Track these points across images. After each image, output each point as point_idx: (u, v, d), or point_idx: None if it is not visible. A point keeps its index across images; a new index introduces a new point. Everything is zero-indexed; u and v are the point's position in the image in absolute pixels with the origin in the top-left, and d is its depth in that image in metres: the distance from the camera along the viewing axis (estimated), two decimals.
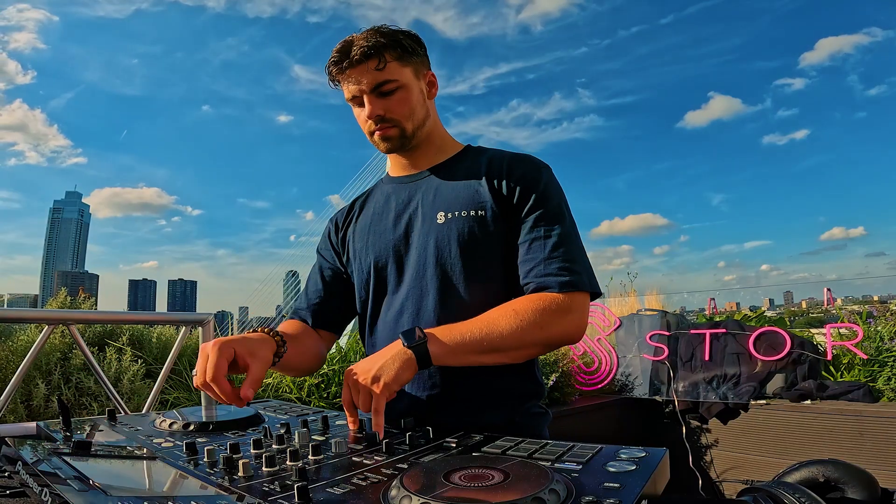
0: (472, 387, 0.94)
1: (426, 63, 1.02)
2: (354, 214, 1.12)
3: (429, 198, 1.00)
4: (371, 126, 0.98)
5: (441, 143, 1.06)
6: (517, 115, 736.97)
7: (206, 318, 1.74)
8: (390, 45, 0.94)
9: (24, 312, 1.64)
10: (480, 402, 0.95)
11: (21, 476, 0.64)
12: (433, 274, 0.95)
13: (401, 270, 1.00)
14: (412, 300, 0.96)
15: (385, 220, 1.04)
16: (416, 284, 0.97)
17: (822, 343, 2.69)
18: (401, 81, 0.95)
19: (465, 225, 0.94)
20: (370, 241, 1.04)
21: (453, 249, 0.94)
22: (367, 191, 1.16)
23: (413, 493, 0.48)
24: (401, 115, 0.97)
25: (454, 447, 0.70)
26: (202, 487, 0.58)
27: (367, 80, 0.94)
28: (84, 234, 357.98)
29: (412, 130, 0.99)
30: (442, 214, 0.96)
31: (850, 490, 0.70)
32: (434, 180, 1.03)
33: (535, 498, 0.47)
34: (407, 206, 1.02)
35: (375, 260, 1.02)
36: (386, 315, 1.01)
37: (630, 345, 3.10)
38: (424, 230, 0.97)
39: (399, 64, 0.95)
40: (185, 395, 2.39)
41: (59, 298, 2.74)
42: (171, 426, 0.87)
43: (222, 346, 0.76)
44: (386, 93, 0.95)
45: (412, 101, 0.97)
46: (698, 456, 2.69)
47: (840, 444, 2.30)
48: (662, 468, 0.59)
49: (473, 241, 0.94)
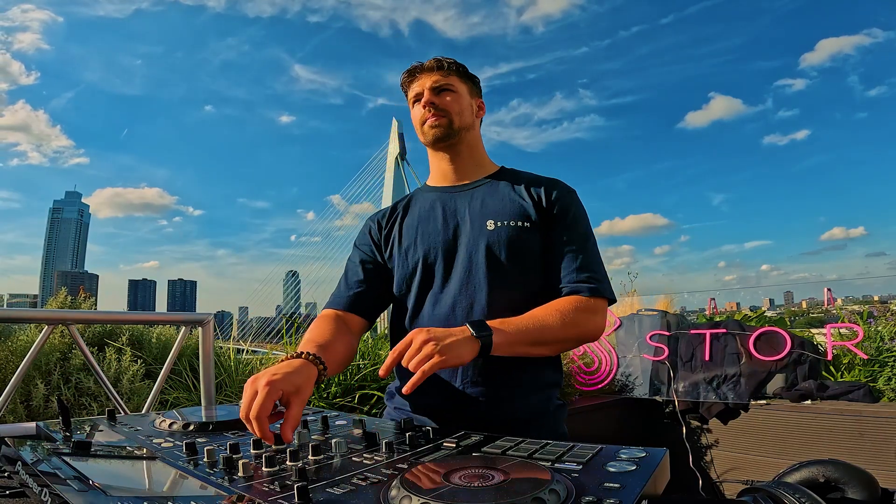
0: (504, 378, 1.04)
1: (479, 93, 1.23)
2: (398, 214, 1.21)
3: (476, 207, 1.13)
4: (424, 115, 1.14)
5: (481, 160, 1.21)
6: (517, 115, 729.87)
7: (206, 318, 1.74)
8: (455, 66, 1.16)
9: (24, 312, 1.63)
10: (510, 392, 1.04)
11: (21, 476, 0.64)
12: (485, 273, 1.06)
13: (450, 268, 1.10)
14: (465, 296, 1.06)
15: (433, 222, 1.14)
16: (468, 282, 1.07)
17: (823, 343, 2.68)
18: (457, 89, 1.15)
19: (513, 233, 1.08)
20: (418, 239, 1.13)
21: (503, 252, 1.07)
22: (407, 196, 1.25)
23: (413, 492, 0.48)
24: (451, 109, 1.13)
25: (454, 447, 0.70)
26: (202, 487, 0.58)
27: (430, 81, 1.14)
28: (84, 234, 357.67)
29: (458, 126, 1.14)
30: (491, 222, 1.09)
31: (850, 490, 0.70)
32: (479, 192, 1.16)
33: (536, 498, 0.47)
34: (455, 212, 1.14)
35: (424, 256, 1.11)
36: (434, 308, 1.09)
37: (630, 345, 3.10)
38: (475, 234, 1.09)
39: (459, 79, 1.17)
40: (185, 396, 2.39)
41: (59, 298, 2.74)
42: (170, 426, 0.87)
43: (272, 389, 0.74)
44: (443, 90, 1.14)
45: (462, 103, 1.15)
46: (698, 456, 2.69)
47: (840, 445, 2.30)
48: (662, 468, 0.59)
49: (520, 247, 1.07)
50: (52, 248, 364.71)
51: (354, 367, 2.46)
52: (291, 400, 0.76)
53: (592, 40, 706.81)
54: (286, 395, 0.76)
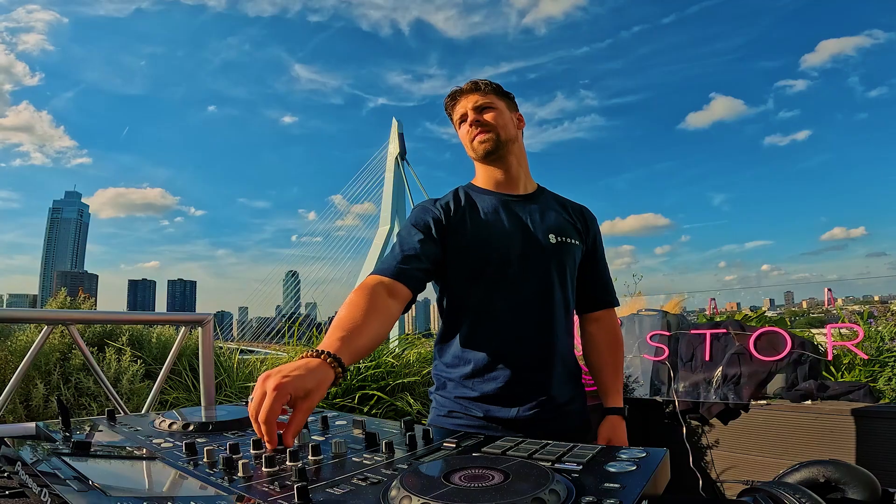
0: (570, 372, 1.25)
1: (516, 108, 1.34)
2: (464, 207, 1.26)
3: (536, 218, 1.26)
4: (472, 132, 1.26)
5: (527, 174, 1.35)
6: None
7: (206, 319, 1.74)
8: (492, 85, 1.29)
9: (24, 312, 1.63)
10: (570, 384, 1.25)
11: (20, 476, 0.64)
12: (554, 279, 1.22)
13: (523, 270, 1.20)
14: (539, 298, 1.20)
15: (502, 223, 1.24)
16: (542, 286, 1.21)
17: (823, 343, 2.68)
18: (497, 106, 1.27)
19: (570, 249, 1.26)
20: (492, 236, 1.21)
21: (565, 265, 1.24)
22: (460, 192, 1.30)
23: (413, 493, 0.48)
24: (496, 124, 1.25)
25: (454, 447, 0.70)
26: (202, 488, 0.57)
27: (472, 102, 1.27)
28: (83, 234, 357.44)
29: (504, 139, 1.26)
30: (553, 236, 1.24)
31: (851, 490, 0.70)
32: (536, 205, 1.29)
33: (536, 498, 0.47)
34: (519, 219, 1.25)
35: (498, 254, 1.20)
36: (508, 305, 1.19)
37: (630, 345, 3.10)
38: (540, 244, 1.23)
39: (497, 97, 1.29)
40: (185, 396, 2.38)
41: (59, 299, 2.73)
42: (170, 426, 0.87)
43: (280, 393, 0.73)
44: (485, 109, 1.26)
45: (505, 118, 1.27)
46: (699, 456, 2.69)
47: (840, 445, 2.30)
48: (663, 468, 0.59)
49: (573, 262, 1.27)
50: (52, 248, 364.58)
51: (354, 368, 2.46)
52: (298, 405, 0.75)
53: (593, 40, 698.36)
54: (294, 399, 0.75)
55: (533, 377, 1.18)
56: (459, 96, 1.29)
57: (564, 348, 1.23)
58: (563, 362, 1.22)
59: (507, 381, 1.16)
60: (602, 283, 1.36)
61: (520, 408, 1.16)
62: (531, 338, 1.19)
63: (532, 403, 1.16)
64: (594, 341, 1.36)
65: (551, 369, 1.20)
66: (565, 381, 1.23)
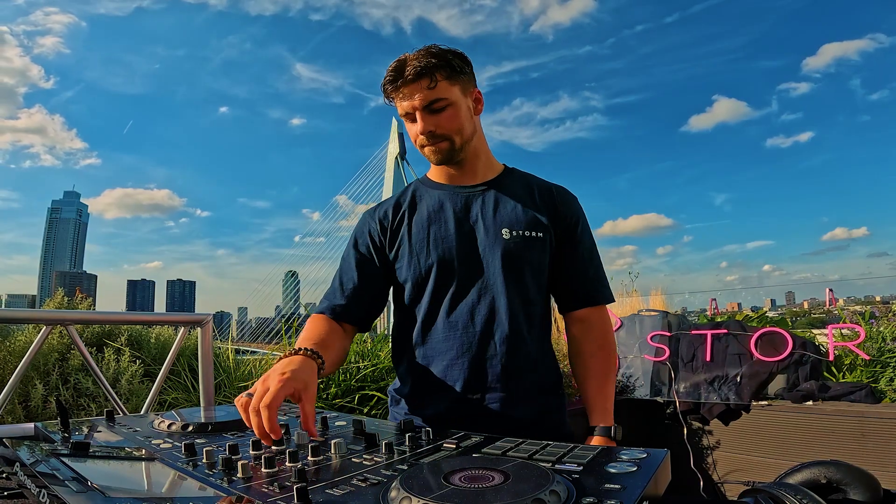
0: (514, 383, 1.05)
1: (473, 81, 1.10)
2: (405, 212, 1.14)
3: (489, 212, 1.10)
4: (423, 141, 1.06)
5: (487, 159, 1.16)
6: (520, 115, 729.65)
7: (206, 319, 1.74)
8: (441, 64, 1.02)
9: (22, 313, 1.63)
10: (518, 396, 1.05)
11: (19, 477, 0.64)
12: (503, 282, 1.05)
13: (467, 274, 1.07)
14: (484, 304, 1.06)
15: (445, 225, 1.10)
16: (486, 290, 1.06)
17: (824, 344, 2.68)
18: (450, 99, 1.04)
19: (528, 243, 1.08)
20: (431, 242, 1.09)
21: (519, 263, 1.07)
22: (408, 190, 1.18)
23: (413, 494, 0.48)
24: (450, 131, 1.06)
25: (454, 448, 0.69)
26: (201, 489, 0.57)
27: (419, 98, 1.02)
28: (82, 234, 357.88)
29: (461, 144, 1.08)
30: (507, 231, 1.07)
31: (852, 491, 0.70)
32: (490, 195, 1.12)
33: (536, 499, 0.46)
34: (467, 215, 1.10)
35: (440, 260, 1.07)
36: (451, 315, 1.07)
37: (631, 345, 3.09)
38: (490, 241, 1.07)
39: (448, 83, 1.04)
40: (184, 396, 2.38)
41: (57, 299, 2.73)
42: (169, 427, 0.87)
43: (285, 384, 0.75)
44: (436, 110, 1.04)
45: (461, 117, 1.06)
46: (699, 457, 2.68)
47: (842, 446, 2.29)
48: (663, 469, 0.58)
49: (533, 258, 1.08)
50: (51, 248, 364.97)
51: (354, 368, 2.45)
52: (303, 396, 0.77)
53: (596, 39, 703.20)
54: (297, 391, 0.77)
55: (484, 397, 1.04)
56: (403, 86, 1.03)
57: (525, 360, 1.06)
58: (527, 375, 1.06)
59: (455, 402, 1.04)
60: (584, 276, 1.14)
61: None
62: (480, 352, 1.04)
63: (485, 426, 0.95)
64: (578, 346, 1.14)
65: (508, 386, 1.04)
66: (530, 397, 1.06)
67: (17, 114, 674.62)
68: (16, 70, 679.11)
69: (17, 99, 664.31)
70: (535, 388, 1.07)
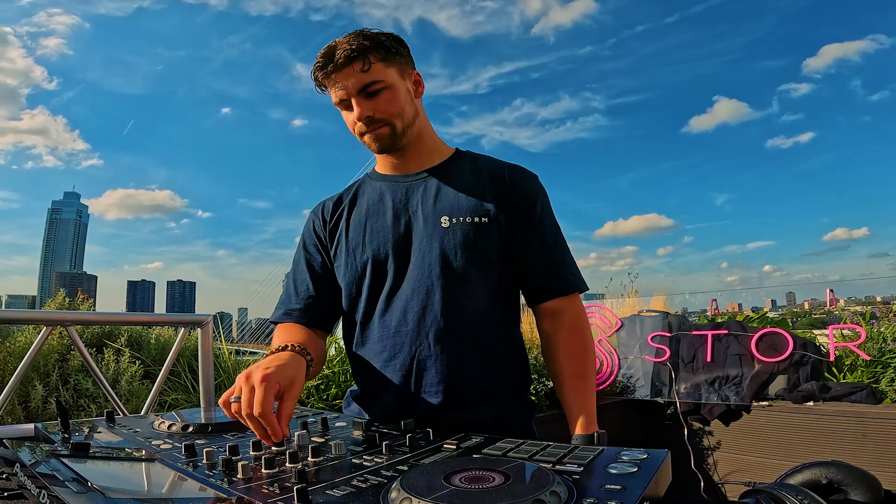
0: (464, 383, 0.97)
1: (410, 63, 1.03)
2: (344, 208, 1.09)
3: (429, 200, 1.01)
4: (361, 128, 0.98)
5: (432, 144, 1.08)
6: (521, 115, 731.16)
7: (205, 320, 1.74)
8: (373, 46, 0.95)
9: (22, 313, 1.63)
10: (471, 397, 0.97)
11: (19, 478, 0.64)
12: (438, 276, 0.97)
13: (402, 270, 0.99)
14: (417, 300, 0.97)
15: (382, 218, 1.03)
16: (420, 285, 0.97)
17: (825, 344, 2.68)
18: (387, 81, 0.96)
19: (470, 231, 0.98)
20: (367, 237, 1.02)
21: (459, 253, 0.97)
22: (354, 185, 1.13)
23: (413, 494, 0.48)
24: (390, 114, 0.97)
25: (455, 449, 0.69)
26: (201, 489, 0.57)
27: (353, 83, 0.95)
28: (82, 234, 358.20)
29: (402, 129, 1.00)
30: (446, 219, 0.99)
31: (853, 492, 0.70)
32: (432, 182, 1.04)
33: (536, 500, 0.46)
34: (406, 206, 1.02)
35: (374, 256, 1.01)
36: (384, 315, 1.00)
37: (632, 346, 3.09)
38: (427, 232, 0.99)
39: (384, 65, 0.96)
40: (184, 397, 2.38)
41: (57, 300, 2.73)
42: (169, 428, 0.87)
43: (269, 384, 0.72)
44: (373, 93, 0.96)
45: (400, 100, 0.98)
46: (700, 458, 2.68)
47: (843, 446, 2.29)
48: (664, 470, 0.58)
49: (477, 246, 0.98)
50: (51, 248, 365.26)
51: None
52: (285, 395, 0.75)
53: (597, 40, 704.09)
54: (282, 388, 0.75)
55: (420, 401, 0.96)
56: (334, 72, 0.95)
57: (467, 359, 0.97)
58: (470, 376, 0.97)
59: (392, 408, 0.98)
60: (548, 263, 1.02)
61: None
62: (413, 354, 0.96)
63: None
64: (549, 343, 1.02)
65: (447, 388, 0.96)
66: (478, 400, 0.97)
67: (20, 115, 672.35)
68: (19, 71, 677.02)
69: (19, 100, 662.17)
70: (483, 389, 0.98)
